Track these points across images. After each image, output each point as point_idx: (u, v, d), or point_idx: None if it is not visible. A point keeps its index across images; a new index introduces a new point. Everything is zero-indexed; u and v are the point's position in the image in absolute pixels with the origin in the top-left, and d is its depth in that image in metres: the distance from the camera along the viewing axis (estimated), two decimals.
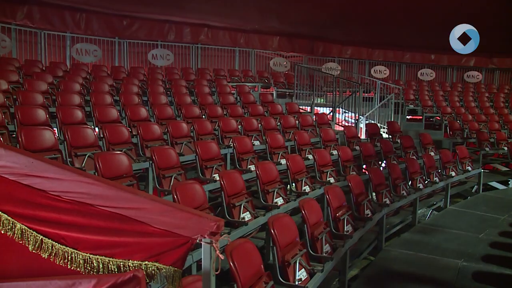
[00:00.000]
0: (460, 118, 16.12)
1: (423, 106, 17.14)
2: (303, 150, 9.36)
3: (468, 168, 11.42)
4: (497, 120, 16.58)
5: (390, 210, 8.14)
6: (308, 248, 5.30)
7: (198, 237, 2.12)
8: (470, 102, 18.25)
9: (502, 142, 14.35)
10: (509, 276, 6.83)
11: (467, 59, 21.76)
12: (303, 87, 15.97)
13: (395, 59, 21.41)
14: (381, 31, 18.56)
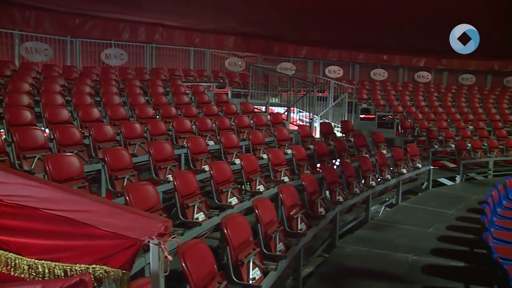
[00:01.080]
0: (411, 117, 16.57)
1: (376, 105, 17.52)
2: (258, 149, 9.40)
3: (418, 165, 11.75)
4: (445, 118, 17.13)
5: (344, 207, 8.28)
6: (262, 247, 5.34)
7: (146, 238, 2.12)
8: (420, 102, 18.78)
9: (450, 140, 14.87)
10: (455, 268, 7.14)
11: (418, 59, 22.42)
12: (258, 87, 16.02)
13: (349, 59, 21.76)
14: (335, 31, 18.82)
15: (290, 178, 8.47)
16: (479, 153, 14.33)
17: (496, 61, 22.71)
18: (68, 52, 15.21)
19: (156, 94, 11.67)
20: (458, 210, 10.38)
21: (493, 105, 19.79)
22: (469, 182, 13.97)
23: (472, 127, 16.83)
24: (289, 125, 13.28)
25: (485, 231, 6.75)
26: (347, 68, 21.76)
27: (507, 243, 7.14)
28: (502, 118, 18.31)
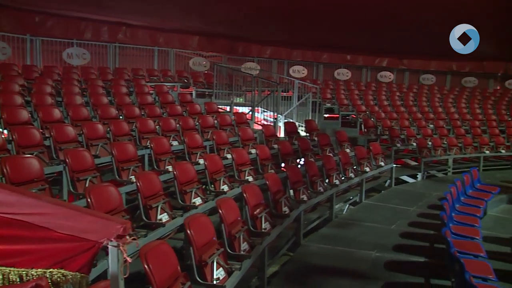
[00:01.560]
0: (374, 116, 16.83)
1: (339, 104, 17.72)
2: (222, 149, 9.39)
3: (381, 164, 11.94)
4: (407, 117, 17.48)
5: (308, 206, 8.36)
6: (226, 247, 5.35)
7: (104, 240, 2.09)
8: (383, 101, 19.10)
9: (412, 138, 15.21)
10: (416, 263, 7.33)
11: (380, 60, 22.81)
12: (223, 86, 16.02)
13: (313, 59, 21.94)
14: (300, 32, 18.94)
15: (255, 177, 8.50)
16: (439, 151, 14.68)
17: (454, 62, 23.35)
18: (28, 51, 14.83)
19: (119, 94, 11.53)
20: (420, 207, 10.63)
21: (452, 104, 20.33)
22: (430, 179, 14.28)
23: (432, 126, 17.22)
24: (253, 124, 13.33)
25: (444, 227, 6.94)
26: (311, 68, 21.95)
27: (465, 237, 7.37)
28: (460, 117, 18.83)
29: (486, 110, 20.17)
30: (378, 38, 19.40)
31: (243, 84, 17.00)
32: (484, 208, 9.70)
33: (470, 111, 19.94)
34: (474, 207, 9.29)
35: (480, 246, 7.01)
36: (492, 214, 10.76)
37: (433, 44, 20.12)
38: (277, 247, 7.30)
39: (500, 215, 10.83)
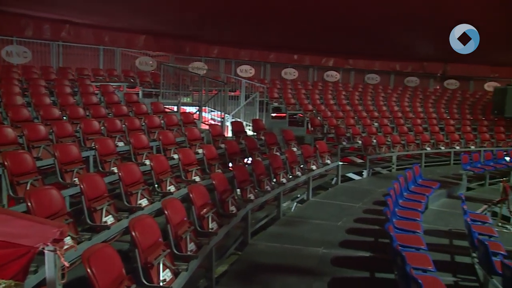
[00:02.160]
0: (321, 115, 17.12)
1: (286, 104, 17.90)
2: (168, 150, 9.30)
3: (327, 162, 12.15)
4: (353, 116, 17.88)
5: (255, 205, 8.42)
6: (172, 248, 5.32)
7: (40, 245, 2.04)
8: (329, 100, 19.43)
9: (357, 137, 15.56)
10: (362, 258, 7.53)
11: (327, 59, 23.20)
12: (170, 86, 15.86)
13: (260, 59, 22.06)
14: (247, 31, 19.01)
15: (202, 177, 8.47)
16: (383, 148, 15.09)
17: (397, 62, 24.09)
18: None
19: (62, 95, 11.23)
20: (365, 203, 10.92)
21: (395, 103, 20.95)
22: (375, 176, 14.69)
23: (377, 124, 17.68)
24: (200, 124, 13.27)
25: (387, 222, 7.14)
26: (259, 67, 22.08)
27: (407, 231, 7.62)
28: (403, 115, 19.43)
29: (427, 108, 20.91)
30: (325, 38, 19.75)
31: (191, 84, 16.88)
32: (425, 202, 10.05)
33: (412, 109, 20.61)
34: (416, 202, 9.61)
35: (421, 239, 7.26)
36: (433, 208, 11.20)
37: (378, 45, 20.73)
38: (225, 246, 7.29)
39: (440, 209, 11.28)
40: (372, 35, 18.93)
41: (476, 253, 7.62)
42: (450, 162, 16.84)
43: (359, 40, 19.88)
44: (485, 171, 14.53)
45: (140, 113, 11.43)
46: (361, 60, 23.64)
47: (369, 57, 23.66)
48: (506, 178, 12.05)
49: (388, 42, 20.20)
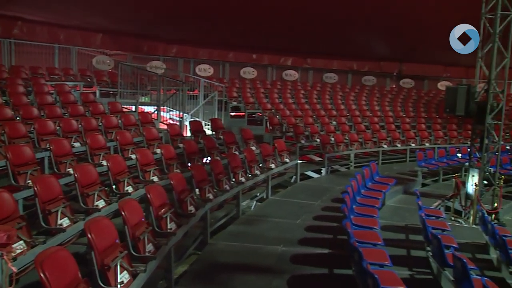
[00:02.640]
0: (279, 114, 17.23)
1: (245, 103, 17.95)
2: (126, 150, 9.18)
3: (286, 160, 12.23)
4: (311, 115, 18.08)
5: (214, 204, 8.42)
6: (130, 249, 5.26)
7: None
8: (288, 99, 19.59)
9: (315, 135, 15.75)
10: (321, 255, 7.66)
11: (285, 59, 23.38)
12: (128, 86, 15.64)
13: (219, 58, 22.05)
14: (206, 30, 18.97)
15: (160, 177, 8.39)
16: (341, 146, 15.34)
17: (355, 61, 24.51)
18: None
19: (15, 94, 10.90)
20: (324, 200, 11.07)
21: (353, 102, 21.27)
22: (334, 174, 14.89)
23: (335, 123, 17.93)
24: (159, 124, 13.15)
25: (345, 219, 7.25)
26: (218, 66, 22.07)
27: (364, 227, 7.77)
28: (361, 114, 19.77)
29: (383, 107, 21.36)
30: (283, 38, 19.91)
31: (149, 83, 16.70)
32: (382, 199, 10.27)
33: (370, 108, 21.00)
34: (373, 198, 9.80)
35: (378, 235, 7.42)
36: (389, 204, 11.47)
37: (336, 45, 21.04)
38: (184, 246, 7.28)
39: (396, 205, 11.57)
40: (330, 35, 19.24)
41: (430, 247, 7.85)
42: (406, 159, 17.25)
43: (317, 39, 20.17)
44: (439, 167, 14.96)
45: (97, 113, 11.23)
46: (320, 59, 23.93)
47: (327, 57, 23.97)
48: (458, 173, 12.41)
49: (345, 42, 20.57)
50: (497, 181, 11.41)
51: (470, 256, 8.73)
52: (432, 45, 20.40)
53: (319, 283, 6.67)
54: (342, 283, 6.64)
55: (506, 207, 12.23)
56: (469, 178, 11.56)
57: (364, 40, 20.86)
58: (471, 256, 8.80)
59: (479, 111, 11.17)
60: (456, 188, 11.65)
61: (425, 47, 21.20)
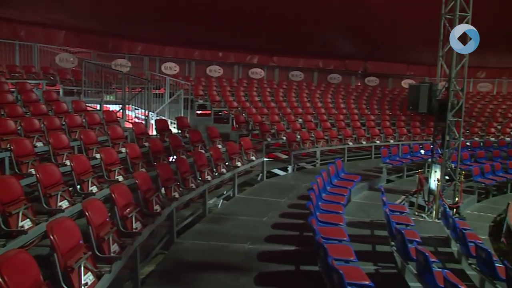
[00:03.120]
0: (246, 112, 17.25)
1: (211, 101, 17.91)
2: (90, 149, 9.04)
3: (252, 158, 12.25)
4: (277, 113, 18.16)
5: (180, 203, 8.38)
6: (94, 250, 5.19)
7: None
8: (254, 97, 19.65)
9: (281, 133, 15.84)
10: (287, 252, 7.71)
11: (251, 57, 23.43)
12: (92, 84, 15.40)
13: (185, 56, 21.95)
14: (171, 28, 18.86)
15: (125, 177, 8.29)
16: (307, 144, 15.45)
17: (320, 59, 24.74)
18: None
19: None
20: (290, 198, 11.15)
21: (319, 99, 21.46)
22: (300, 171, 15.00)
23: (301, 120, 18.04)
24: (124, 123, 13.00)
25: (310, 216, 7.33)
26: (183, 65, 21.96)
27: (330, 224, 7.87)
28: (326, 111, 19.97)
29: (349, 104, 21.62)
30: (249, 36, 19.97)
31: (114, 81, 16.47)
32: (347, 195, 10.41)
33: (335, 105, 21.24)
34: (339, 195, 9.94)
35: (344, 231, 7.53)
36: (355, 201, 11.65)
37: (301, 43, 21.22)
38: (150, 246, 7.22)
39: (362, 201, 11.75)
40: (296, 34, 19.39)
41: (394, 241, 8.01)
42: (371, 156, 17.54)
43: (284, 38, 20.28)
44: (403, 163, 15.26)
45: (61, 112, 11.01)
46: (286, 57, 24.07)
47: (293, 55, 24.14)
48: (422, 169, 12.70)
49: (311, 40, 20.77)
50: (458, 177, 11.72)
51: (433, 250, 8.98)
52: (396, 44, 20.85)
53: (286, 280, 6.70)
54: (309, 280, 6.70)
55: (466, 202, 12.62)
56: (431, 174, 11.85)
57: (330, 39, 21.11)
58: (434, 250, 9.06)
59: (440, 109, 11.45)
60: (420, 183, 11.91)
61: (389, 46, 21.62)
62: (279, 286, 6.45)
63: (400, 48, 22.48)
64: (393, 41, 20.49)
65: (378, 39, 21.12)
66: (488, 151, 18.19)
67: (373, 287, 5.67)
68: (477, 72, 27.11)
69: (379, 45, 22.03)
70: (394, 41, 20.41)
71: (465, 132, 20.10)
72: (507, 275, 6.50)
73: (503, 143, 19.63)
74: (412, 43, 20.53)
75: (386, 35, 20.04)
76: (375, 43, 21.84)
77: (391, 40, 20.47)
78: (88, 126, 10.53)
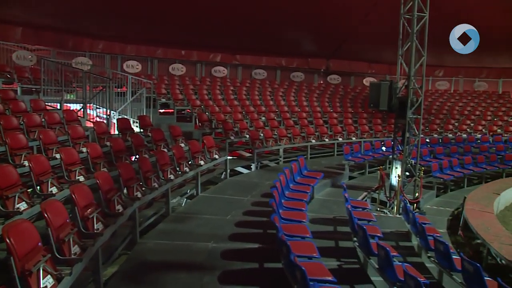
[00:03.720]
0: (209, 110, 17.22)
1: (174, 99, 17.79)
2: (50, 149, 8.85)
3: (215, 156, 12.24)
4: (240, 111, 18.18)
5: (143, 203, 8.32)
6: (54, 252, 5.10)
7: None
8: (217, 95, 19.60)
9: (245, 131, 15.88)
10: (251, 249, 7.77)
11: (214, 55, 23.35)
12: (52, 82, 15.05)
13: (147, 54, 21.70)
14: (133, 26, 18.63)
15: (86, 177, 8.16)
16: (270, 142, 15.52)
17: (283, 58, 24.88)
18: None
19: None
20: (253, 196, 11.20)
21: (282, 97, 21.58)
22: (263, 169, 15.08)
23: (264, 118, 18.12)
24: (85, 122, 12.77)
25: (273, 213, 7.38)
26: (146, 63, 21.74)
27: (293, 221, 7.95)
28: (289, 109, 20.10)
29: (311, 102, 21.82)
30: (212, 34, 19.93)
31: (74, 80, 16.15)
32: (310, 193, 10.54)
33: (298, 103, 21.39)
34: (302, 192, 10.03)
35: (306, 228, 7.62)
36: (318, 198, 11.78)
37: (264, 41, 21.30)
38: (113, 247, 7.14)
39: (325, 198, 11.89)
40: (259, 32, 19.46)
41: (356, 237, 8.15)
42: (334, 153, 17.77)
43: (246, 36, 20.32)
44: (365, 160, 15.50)
45: (18, 111, 10.72)
46: (249, 56, 24.09)
47: (256, 53, 24.17)
48: (383, 166, 12.91)
49: (274, 38, 20.86)
50: (418, 172, 12.00)
51: (394, 244, 9.18)
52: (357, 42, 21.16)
53: (249, 278, 6.73)
54: (273, 277, 6.75)
55: (426, 196, 12.93)
56: (392, 170, 12.09)
57: (293, 38, 21.26)
58: (395, 244, 9.26)
59: (400, 106, 11.69)
60: (381, 180, 12.14)
61: (351, 45, 21.91)
62: (243, 284, 6.47)
63: (362, 47, 22.84)
64: (354, 40, 20.78)
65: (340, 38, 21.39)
66: (446, 147, 18.66)
67: (336, 282, 5.76)
68: (435, 70, 27.79)
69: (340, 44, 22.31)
70: (356, 40, 20.70)
71: (425, 129, 20.59)
72: (463, 266, 6.71)
73: (460, 139, 20.22)
74: (373, 42, 20.89)
75: (347, 34, 20.32)
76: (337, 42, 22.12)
77: (353, 39, 20.76)
78: (48, 126, 10.29)
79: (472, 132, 21.91)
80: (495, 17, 17.47)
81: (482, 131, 22.10)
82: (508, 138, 20.98)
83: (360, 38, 20.32)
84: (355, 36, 20.15)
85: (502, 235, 9.35)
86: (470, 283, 6.61)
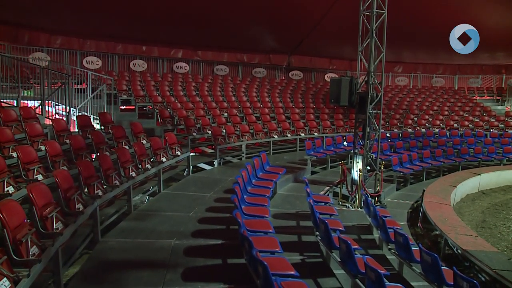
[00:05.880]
0: (170, 107, 17.08)
1: (135, 96, 17.57)
2: (6, 148, 8.61)
3: (178, 153, 12.17)
4: (202, 107, 18.12)
5: (104, 201, 8.20)
6: (10, 254, 4.97)
7: None
8: (179, 91, 19.46)
9: (207, 127, 15.83)
10: (214, 246, 7.76)
11: (176, 51, 23.16)
12: (7, 79, 14.63)
13: (107, 50, 21.33)
14: (92, 21, 18.28)
15: (45, 176, 7.98)
16: (233, 138, 15.55)
17: (245, 54, 24.89)
18: None
19: None
20: (216, 192, 11.20)
21: (244, 93, 21.60)
22: (226, 165, 15.07)
23: (226, 114, 18.11)
24: (44, 119, 12.47)
25: (235, 209, 7.40)
26: (106, 59, 21.35)
27: (255, 217, 7.99)
28: (251, 105, 20.14)
29: (274, 98, 21.92)
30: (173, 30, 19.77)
31: (32, 76, 15.75)
32: (273, 188, 10.59)
33: (260, 99, 21.44)
34: (264, 188, 10.07)
35: (269, 223, 7.67)
36: (281, 193, 11.87)
37: (226, 37, 21.27)
38: (74, 246, 7.03)
39: (287, 193, 11.99)
40: (220, 28, 19.42)
41: (318, 231, 8.25)
42: (296, 149, 17.94)
43: (207, 32, 20.23)
44: (327, 155, 15.70)
45: None
46: (210, 52, 24.01)
47: (217, 49, 24.12)
48: (345, 161, 13.11)
49: (235, 34, 20.86)
50: (378, 167, 12.22)
51: (356, 238, 9.35)
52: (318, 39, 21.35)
53: (213, 274, 6.73)
54: (236, 272, 6.77)
55: (386, 190, 13.21)
56: (354, 165, 12.28)
57: (254, 34, 21.28)
58: (357, 237, 9.43)
59: (361, 101, 11.88)
60: (343, 174, 12.32)
61: (312, 41, 22.09)
62: (206, 280, 6.45)
63: (323, 43, 23.06)
64: (315, 36, 20.96)
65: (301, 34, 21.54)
66: (406, 141, 19.11)
67: (298, 276, 5.81)
68: (394, 67, 28.38)
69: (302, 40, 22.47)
70: (317, 36, 20.88)
71: (385, 124, 21.01)
72: (421, 257, 6.89)
73: (419, 134, 20.75)
74: (334, 38, 21.13)
75: (308, 30, 20.47)
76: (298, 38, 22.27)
77: (314, 35, 20.93)
78: (4, 124, 10.00)
79: (430, 127, 22.50)
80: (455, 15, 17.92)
81: (440, 125, 22.71)
82: (464, 132, 21.64)
83: (321, 34, 20.51)
84: (316, 32, 20.32)
85: (458, 226, 9.65)
86: (428, 273, 6.81)
